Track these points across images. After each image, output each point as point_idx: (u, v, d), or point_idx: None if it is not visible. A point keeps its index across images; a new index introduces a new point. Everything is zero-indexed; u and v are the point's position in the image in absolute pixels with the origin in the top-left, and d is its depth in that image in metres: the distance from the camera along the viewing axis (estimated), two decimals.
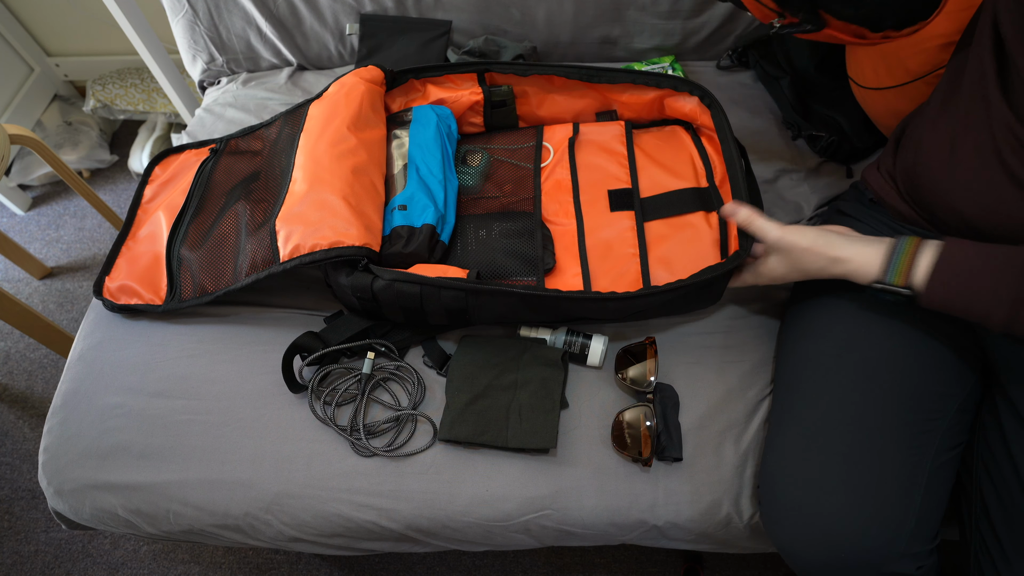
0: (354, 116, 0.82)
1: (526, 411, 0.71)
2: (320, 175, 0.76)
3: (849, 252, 0.62)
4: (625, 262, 0.79)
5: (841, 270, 0.63)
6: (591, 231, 0.83)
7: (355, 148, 0.79)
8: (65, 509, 0.75)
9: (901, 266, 0.58)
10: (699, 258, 0.78)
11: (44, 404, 1.33)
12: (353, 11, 1.12)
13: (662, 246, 0.81)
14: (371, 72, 0.88)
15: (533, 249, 0.79)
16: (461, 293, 0.69)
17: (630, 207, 0.83)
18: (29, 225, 1.63)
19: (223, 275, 0.79)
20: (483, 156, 0.91)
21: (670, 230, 0.82)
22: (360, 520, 0.71)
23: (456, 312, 0.72)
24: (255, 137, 0.96)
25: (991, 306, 0.54)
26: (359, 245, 0.70)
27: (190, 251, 0.83)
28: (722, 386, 0.76)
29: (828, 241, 0.63)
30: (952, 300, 0.56)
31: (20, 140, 1.18)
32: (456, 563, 1.13)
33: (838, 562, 0.59)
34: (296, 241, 0.71)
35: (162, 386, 0.78)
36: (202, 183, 0.91)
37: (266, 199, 0.82)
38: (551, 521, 0.70)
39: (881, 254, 0.60)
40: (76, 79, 1.79)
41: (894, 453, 0.60)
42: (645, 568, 1.12)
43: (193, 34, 1.15)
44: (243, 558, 1.15)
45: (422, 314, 0.73)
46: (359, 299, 0.73)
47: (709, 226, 0.81)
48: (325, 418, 0.74)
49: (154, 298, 0.83)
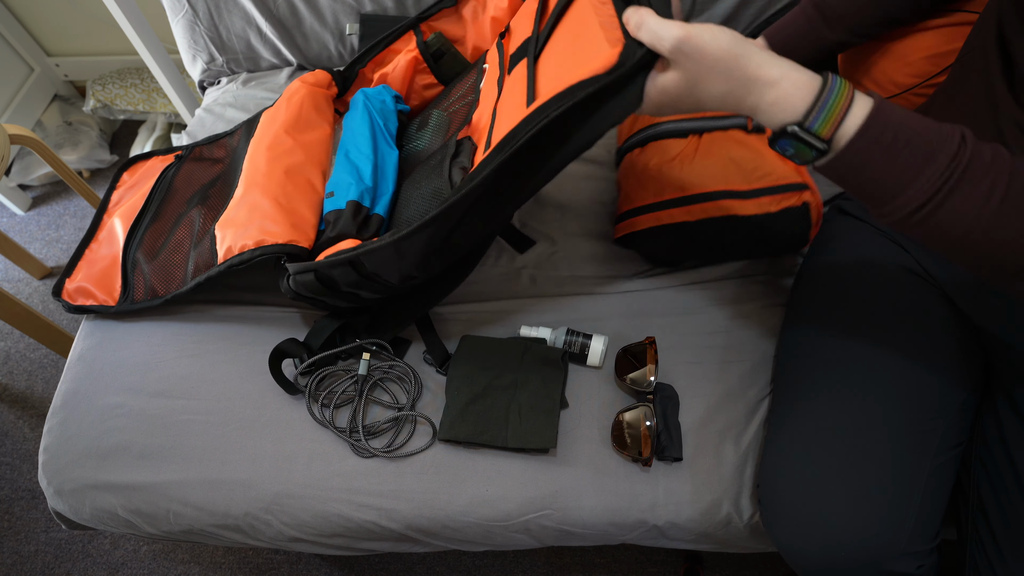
0: (293, 119, 0.84)
1: (526, 411, 0.71)
2: (255, 179, 0.78)
3: (775, 72, 0.46)
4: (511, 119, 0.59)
5: (754, 100, 0.47)
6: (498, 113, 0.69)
7: (291, 149, 0.81)
8: (65, 509, 0.75)
9: (834, 109, 0.45)
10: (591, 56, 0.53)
11: (44, 404, 1.33)
12: (353, 11, 1.12)
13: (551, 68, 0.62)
14: (316, 76, 0.90)
15: (441, 177, 0.70)
16: (347, 266, 0.65)
17: (524, 55, 0.69)
18: (29, 225, 1.63)
19: (174, 279, 0.82)
20: (434, 115, 0.88)
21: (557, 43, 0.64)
22: (360, 520, 0.71)
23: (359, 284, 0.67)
24: (219, 145, 0.99)
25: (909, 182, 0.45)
26: (283, 243, 0.71)
27: (145, 256, 0.86)
28: (722, 386, 0.76)
29: (749, 52, 0.47)
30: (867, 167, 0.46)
31: (20, 140, 1.18)
32: (456, 563, 1.13)
33: (838, 561, 0.59)
34: (228, 243, 0.73)
35: (162, 386, 0.78)
36: (163, 189, 0.94)
37: (217, 207, 0.85)
38: (551, 521, 0.70)
39: (812, 87, 0.46)
40: (76, 79, 1.79)
41: (894, 452, 0.60)
42: (645, 568, 1.12)
43: (193, 34, 1.15)
44: (243, 558, 1.15)
45: (350, 294, 0.71)
46: (295, 299, 0.73)
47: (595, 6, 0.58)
48: (324, 420, 0.74)
49: (107, 299, 0.85)
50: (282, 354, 0.76)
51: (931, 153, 0.44)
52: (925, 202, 0.44)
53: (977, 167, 0.44)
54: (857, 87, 0.47)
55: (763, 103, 0.47)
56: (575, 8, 0.62)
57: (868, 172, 0.46)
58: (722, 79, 0.47)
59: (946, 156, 0.44)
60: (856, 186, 0.47)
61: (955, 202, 0.44)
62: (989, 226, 0.44)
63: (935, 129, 0.45)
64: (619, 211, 0.83)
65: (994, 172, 0.43)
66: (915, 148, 0.44)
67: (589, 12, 0.58)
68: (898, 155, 0.45)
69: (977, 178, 0.43)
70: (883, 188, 0.46)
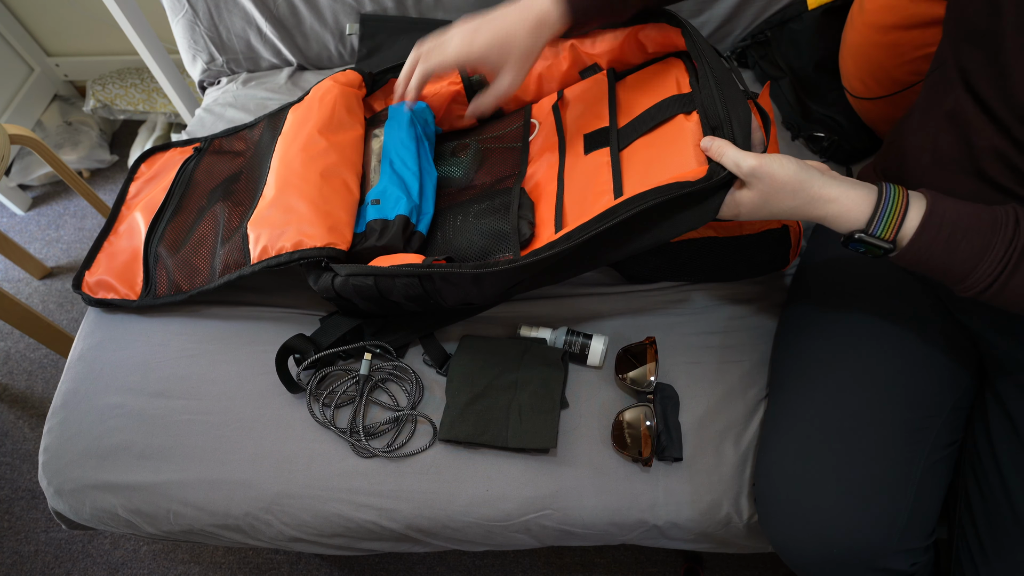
0: (326, 119, 0.83)
1: (526, 411, 0.71)
2: (289, 179, 0.78)
3: (835, 192, 0.55)
4: (595, 200, 0.70)
5: (821, 212, 0.56)
6: (568, 185, 0.76)
7: (325, 151, 0.80)
8: (65, 509, 0.75)
9: (892, 217, 0.53)
10: (680, 166, 0.66)
11: (44, 404, 1.33)
12: (353, 11, 1.12)
13: (638, 167, 0.71)
14: (347, 76, 0.89)
15: (508, 223, 0.75)
16: (414, 279, 0.68)
17: (605, 144, 0.76)
18: (29, 225, 1.63)
19: (198, 275, 0.81)
20: (472, 146, 0.90)
21: (647, 147, 0.72)
22: (360, 520, 0.71)
23: (417, 298, 0.70)
24: (238, 138, 0.97)
25: (971, 269, 0.51)
26: (321, 246, 0.71)
27: (168, 250, 0.84)
28: (722, 386, 0.76)
29: (811, 177, 0.55)
30: (932, 259, 0.53)
31: (20, 140, 1.18)
32: (456, 563, 1.13)
33: (831, 558, 0.59)
34: (264, 243, 0.73)
35: (162, 386, 0.78)
36: (183, 182, 0.93)
37: (244, 202, 0.83)
38: (551, 521, 0.71)
39: (870, 200, 0.54)
40: (76, 79, 1.79)
41: (887, 450, 0.60)
42: (645, 568, 1.12)
43: (193, 34, 1.15)
44: (243, 558, 1.15)
45: (390, 304, 0.72)
46: (328, 298, 0.73)
47: (692, 128, 0.68)
48: (324, 421, 0.74)
49: (129, 293, 0.84)
50: (290, 350, 0.75)
51: (988, 244, 0.50)
52: (991, 284, 0.50)
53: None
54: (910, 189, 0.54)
55: (829, 216, 0.55)
56: (673, 124, 0.71)
57: (934, 263, 0.53)
58: (790, 198, 0.56)
59: (1003, 243, 0.50)
60: (928, 272, 0.54)
61: (1019, 279, 0.50)
62: None
63: (989, 219, 0.51)
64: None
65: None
66: (972, 240, 0.51)
67: (687, 133, 0.68)
68: (957, 248, 0.51)
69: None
70: (951, 274, 0.52)
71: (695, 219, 0.62)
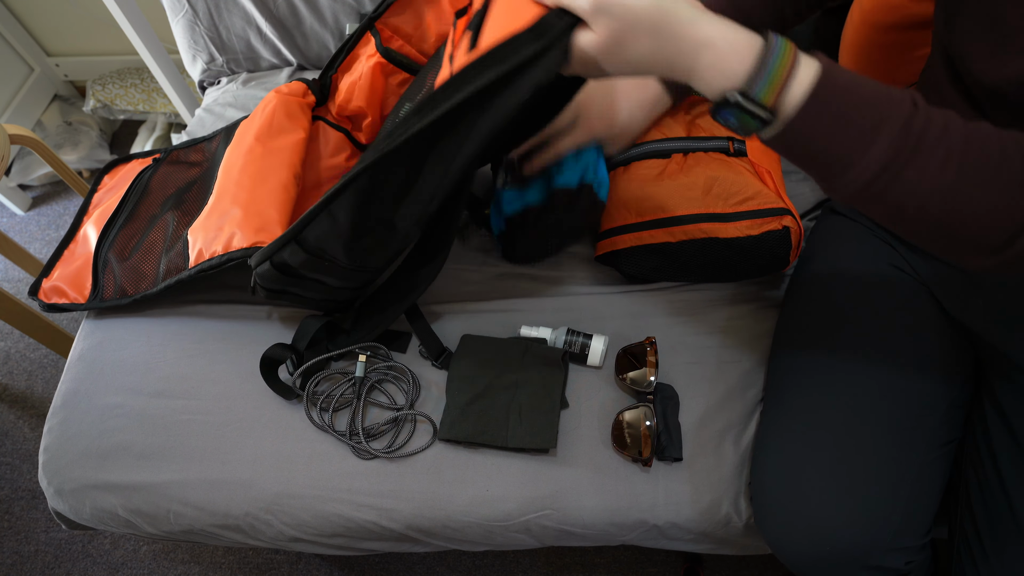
0: (265, 127, 0.85)
1: (526, 411, 0.71)
2: (226, 186, 0.80)
3: (709, 31, 0.43)
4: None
5: (688, 62, 0.44)
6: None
7: (261, 155, 0.82)
8: (65, 509, 0.75)
9: (777, 75, 0.41)
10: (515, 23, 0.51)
11: (44, 404, 1.33)
12: (353, 11, 1.12)
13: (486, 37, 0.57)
14: (290, 86, 0.92)
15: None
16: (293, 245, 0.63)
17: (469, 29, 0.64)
18: (29, 225, 1.63)
19: (144, 279, 0.83)
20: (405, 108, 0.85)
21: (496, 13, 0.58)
22: (360, 520, 0.71)
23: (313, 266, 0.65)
24: (196, 150, 1.01)
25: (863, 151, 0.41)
26: (247, 247, 0.72)
27: (117, 256, 0.88)
28: (722, 386, 0.76)
29: (677, 8, 0.43)
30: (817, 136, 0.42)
31: (20, 140, 1.18)
32: (456, 563, 1.13)
33: (824, 556, 0.59)
34: (199, 247, 0.75)
35: (162, 386, 0.78)
36: (138, 191, 0.96)
37: (192, 211, 0.87)
38: (551, 521, 0.71)
39: (753, 49, 0.42)
40: (76, 79, 1.79)
41: (881, 448, 0.60)
42: (645, 568, 1.12)
43: (193, 34, 1.15)
44: (243, 558, 1.15)
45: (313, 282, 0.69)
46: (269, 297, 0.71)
47: None
48: (323, 425, 0.74)
49: (78, 297, 0.87)
50: (272, 361, 0.76)
51: (881, 119, 0.41)
52: (879, 173, 0.41)
53: (932, 135, 0.41)
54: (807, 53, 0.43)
55: (698, 66, 0.43)
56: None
57: (818, 142, 0.42)
58: (649, 37, 0.43)
59: (898, 122, 0.40)
60: (805, 159, 0.44)
61: (910, 173, 0.41)
62: (945, 198, 0.41)
63: (885, 94, 0.41)
64: (600, 229, 0.83)
65: (948, 139, 0.41)
66: (865, 114, 0.41)
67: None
68: (849, 123, 0.41)
69: (932, 147, 0.41)
70: (834, 160, 0.42)
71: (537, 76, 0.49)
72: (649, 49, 0.44)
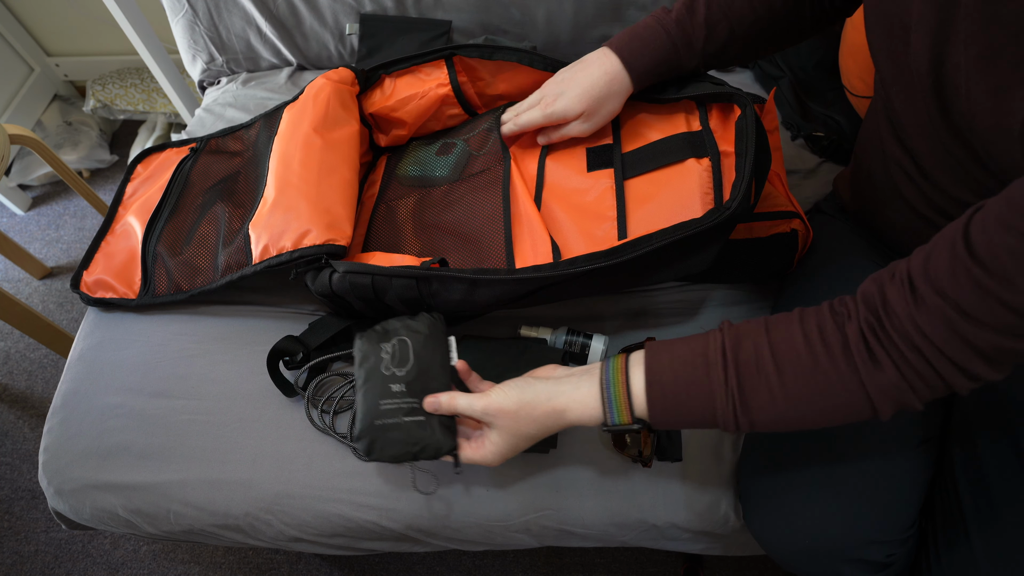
0: (321, 117, 0.83)
1: None
2: (288, 179, 0.78)
3: (563, 400, 0.54)
4: (596, 223, 0.73)
5: (565, 423, 0.55)
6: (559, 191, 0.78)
7: (322, 148, 0.81)
8: (65, 509, 0.75)
9: (618, 402, 0.52)
10: (685, 211, 0.69)
11: (44, 404, 1.33)
12: (353, 11, 1.12)
13: (642, 202, 0.73)
14: (340, 73, 0.89)
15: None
16: (411, 281, 0.67)
17: (609, 165, 0.77)
18: (29, 225, 1.63)
19: (199, 275, 0.81)
20: (459, 145, 0.88)
21: (652, 184, 0.74)
22: (360, 520, 0.71)
23: (411, 301, 0.70)
24: (235, 138, 0.98)
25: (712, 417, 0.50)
26: (321, 243, 0.71)
27: (167, 249, 0.85)
28: None
29: (535, 394, 0.55)
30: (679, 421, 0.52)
31: (20, 140, 1.18)
32: (456, 563, 1.13)
33: (804, 549, 0.60)
34: (265, 243, 0.74)
35: (162, 386, 0.78)
36: (180, 181, 0.93)
37: (244, 204, 0.84)
38: (551, 521, 0.71)
39: (595, 393, 0.53)
40: (76, 79, 1.79)
41: (857, 445, 0.61)
42: (645, 568, 1.12)
43: (193, 34, 1.15)
44: (243, 558, 1.15)
45: (383, 306, 0.72)
46: (323, 296, 0.73)
47: (700, 173, 0.71)
48: (324, 427, 0.74)
49: (127, 292, 0.84)
50: (280, 353, 0.75)
51: (709, 391, 0.49)
52: (736, 417, 0.49)
53: (749, 374, 0.48)
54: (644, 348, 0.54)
55: (571, 422, 0.55)
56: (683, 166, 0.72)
57: (681, 419, 0.52)
58: (529, 423, 0.55)
59: (719, 385, 0.49)
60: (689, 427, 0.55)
61: (756, 410, 0.48)
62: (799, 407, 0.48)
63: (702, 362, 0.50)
64: None
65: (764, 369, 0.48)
66: (694, 392, 0.50)
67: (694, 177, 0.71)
68: (690, 407, 0.50)
69: (755, 385, 0.48)
70: (703, 422, 0.51)
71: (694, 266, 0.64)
72: (538, 427, 0.56)
